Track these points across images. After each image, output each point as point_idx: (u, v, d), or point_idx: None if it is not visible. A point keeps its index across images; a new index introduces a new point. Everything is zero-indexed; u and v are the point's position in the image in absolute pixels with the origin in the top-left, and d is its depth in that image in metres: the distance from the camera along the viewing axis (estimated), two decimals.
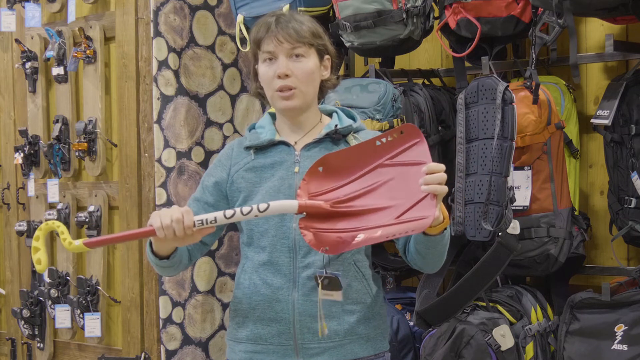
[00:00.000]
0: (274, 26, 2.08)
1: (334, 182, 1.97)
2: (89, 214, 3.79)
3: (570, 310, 2.73)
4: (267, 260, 2.10)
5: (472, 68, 3.06)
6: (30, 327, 4.12)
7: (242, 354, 2.15)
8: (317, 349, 2.08)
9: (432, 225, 1.90)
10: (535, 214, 2.71)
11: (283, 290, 2.09)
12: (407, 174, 1.90)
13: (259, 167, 2.15)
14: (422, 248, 2.00)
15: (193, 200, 2.23)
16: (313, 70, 2.11)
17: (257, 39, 2.11)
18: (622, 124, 2.74)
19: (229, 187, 2.17)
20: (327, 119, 2.21)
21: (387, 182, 1.92)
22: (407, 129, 1.94)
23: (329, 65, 2.17)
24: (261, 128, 2.21)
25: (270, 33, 2.08)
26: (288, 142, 2.15)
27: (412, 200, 1.86)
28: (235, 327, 2.18)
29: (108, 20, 3.77)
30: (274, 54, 2.08)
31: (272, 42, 2.07)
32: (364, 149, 1.97)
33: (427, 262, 2.07)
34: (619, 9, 2.50)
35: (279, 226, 2.09)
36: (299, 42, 2.07)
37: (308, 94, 2.12)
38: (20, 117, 4.27)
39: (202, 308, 3.42)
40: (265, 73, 2.11)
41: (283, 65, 2.07)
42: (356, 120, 2.21)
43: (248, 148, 2.18)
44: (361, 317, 2.12)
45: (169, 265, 2.09)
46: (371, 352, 2.14)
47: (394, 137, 1.94)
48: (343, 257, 2.10)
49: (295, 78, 2.08)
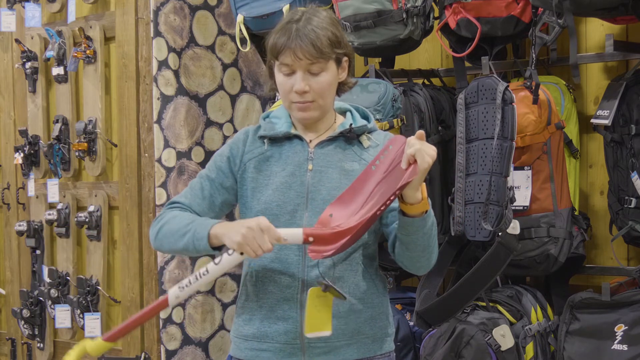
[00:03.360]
0: (293, 37, 2.01)
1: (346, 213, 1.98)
2: (89, 214, 3.79)
3: (570, 310, 2.73)
4: (275, 259, 2.09)
5: (472, 68, 3.06)
6: (30, 327, 4.12)
7: (247, 351, 2.15)
8: (323, 348, 2.08)
9: (409, 203, 1.90)
10: (535, 214, 2.71)
11: (291, 289, 2.08)
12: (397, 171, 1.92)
13: (271, 159, 2.12)
14: (403, 235, 1.98)
15: (206, 179, 2.17)
16: (331, 83, 2.07)
17: (275, 49, 2.05)
18: (622, 124, 2.74)
19: (239, 174, 2.15)
20: (341, 117, 2.19)
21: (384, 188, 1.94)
22: (393, 141, 1.97)
23: (346, 66, 2.13)
24: (277, 118, 2.17)
25: (289, 46, 2.01)
26: (303, 138, 2.13)
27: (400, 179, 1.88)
28: (242, 324, 2.17)
29: (108, 20, 3.77)
30: (291, 67, 2.04)
31: (290, 57, 2.02)
32: (363, 178, 1.98)
33: (412, 257, 2.04)
34: (619, 9, 2.50)
35: (290, 224, 2.07)
36: (317, 58, 2.02)
37: (326, 105, 2.10)
38: (20, 117, 4.27)
39: (202, 308, 3.42)
40: (283, 84, 2.07)
41: (300, 82, 2.03)
42: (370, 120, 2.19)
43: (262, 137, 2.16)
44: (368, 317, 2.12)
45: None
46: (377, 352, 2.14)
47: (384, 155, 1.97)
48: (351, 257, 2.10)
49: (313, 92, 2.05)
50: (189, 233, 2.04)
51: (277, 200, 2.08)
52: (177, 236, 2.06)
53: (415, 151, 1.85)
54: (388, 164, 1.95)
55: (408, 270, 2.11)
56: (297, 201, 2.08)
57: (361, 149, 2.13)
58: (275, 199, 2.08)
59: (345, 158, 2.11)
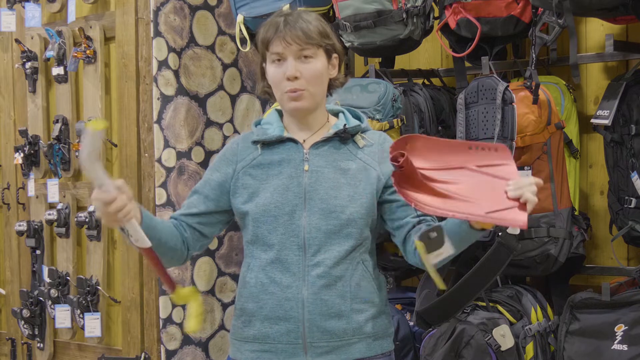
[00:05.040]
0: (282, 27, 2.07)
1: (420, 161, 1.92)
2: (89, 214, 3.79)
3: (570, 310, 2.73)
4: (276, 259, 2.10)
5: (472, 68, 3.06)
6: (30, 327, 4.12)
7: (248, 353, 2.15)
8: (325, 347, 2.09)
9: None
10: (535, 214, 2.70)
11: (292, 289, 2.08)
12: (493, 183, 1.90)
13: (266, 164, 2.14)
14: (455, 242, 1.97)
15: (193, 193, 2.22)
16: (321, 71, 2.11)
17: (266, 39, 2.11)
18: (622, 124, 2.74)
19: (233, 183, 2.16)
20: (334, 118, 2.22)
21: (474, 183, 1.91)
22: (500, 149, 1.97)
23: (336, 63, 2.17)
24: (268, 124, 2.20)
25: (279, 34, 2.07)
26: (296, 140, 2.15)
27: (499, 204, 1.85)
28: (242, 326, 2.17)
29: (108, 20, 3.77)
30: (282, 55, 2.08)
31: (280, 44, 2.07)
32: (455, 146, 1.97)
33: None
34: (619, 9, 2.50)
35: (289, 224, 2.08)
36: (307, 43, 2.07)
37: (317, 95, 2.12)
38: (20, 117, 4.27)
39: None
40: (274, 74, 2.10)
41: (292, 68, 2.07)
42: (362, 120, 2.22)
43: (255, 143, 2.17)
44: (369, 316, 2.13)
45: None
46: (378, 352, 2.15)
47: (486, 151, 1.95)
48: (351, 256, 2.10)
49: (304, 80, 2.08)
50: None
51: (275, 202, 2.09)
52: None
53: (532, 202, 1.84)
54: (485, 163, 1.93)
55: (417, 265, 2.11)
56: (295, 202, 2.08)
57: (356, 148, 2.15)
58: (274, 201, 2.09)
59: (341, 157, 2.12)
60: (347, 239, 2.08)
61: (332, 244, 2.08)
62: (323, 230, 2.07)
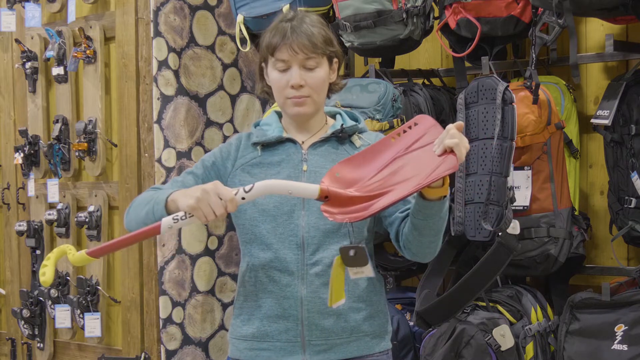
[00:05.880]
0: (289, 34, 2.08)
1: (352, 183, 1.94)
2: (89, 214, 3.79)
3: (570, 310, 2.73)
4: (274, 258, 2.11)
5: (472, 68, 3.06)
6: (30, 327, 4.12)
7: (247, 351, 2.16)
8: (323, 345, 2.10)
9: (432, 186, 1.89)
10: (535, 214, 2.71)
11: (291, 287, 2.10)
12: (424, 152, 1.91)
13: (265, 164, 2.16)
14: (419, 219, 1.97)
15: (188, 174, 2.20)
16: (325, 79, 2.13)
17: (271, 45, 2.11)
18: (622, 124, 2.74)
19: (230, 179, 2.17)
20: (331, 120, 2.24)
21: (409, 163, 1.92)
22: (420, 120, 1.97)
23: (336, 68, 2.19)
24: (267, 125, 2.22)
25: (286, 41, 2.07)
26: (295, 140, 2.16)
27: (434, 165, 1.86)
28: (240, 324, 2.18)
29: (108, 20, 3.77)
30: (287, 63, 2.09)
31: (287, 51, 2.07)
32: (379, 147, 1.97)
33: (423, 243, 2.03)
34: (619, 9, 2.50)
35: (287, 224, 2.10)
36: (313, 52, 2.08)
37: (319, 101, 2.14)
38: (20, 117, 4.27)
39: (202, 308, 3.42)
40: (278, 80, 2.11)
41: (297, 77, 2.08)
42: (359, 121, 2.24)
43: (255, 144, 2.19)
44: (367, 315, 2.14)
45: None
46: (375, 350, 2.16)
47: (407, 131, 1.95)
48: None
49: (309, 87, 2.10)
50: (152, 201, 2.06)
51: (274, 202, 2.11)
52: (142, 205, 2.08)
53: (454, 145, 1.84)
54: (412, 141, 1.94)
55: (413, 258, 2.10)
56: (294, 202, 2.10)
57: (353, 148, 2.17)
58: (273, 201, 2.11)
59: (339, 157, 2.13)
60: (344, 238, 2.09)
61: (330, 242, 2.09)
62: (321, 229, 2.09)
